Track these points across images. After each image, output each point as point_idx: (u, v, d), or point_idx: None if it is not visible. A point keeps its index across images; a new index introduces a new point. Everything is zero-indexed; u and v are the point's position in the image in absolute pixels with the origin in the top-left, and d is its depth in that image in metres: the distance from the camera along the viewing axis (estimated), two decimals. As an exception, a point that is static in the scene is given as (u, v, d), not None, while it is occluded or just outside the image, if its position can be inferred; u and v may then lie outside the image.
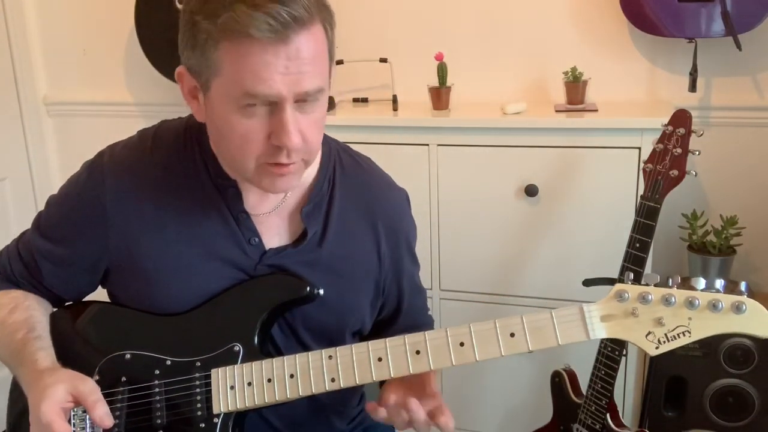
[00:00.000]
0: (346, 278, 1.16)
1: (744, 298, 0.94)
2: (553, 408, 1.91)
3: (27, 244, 1.18)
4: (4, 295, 1.18)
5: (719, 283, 0.95)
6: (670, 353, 1.96)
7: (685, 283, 0.96)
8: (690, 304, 0.94)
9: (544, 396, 1.93)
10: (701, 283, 0.95)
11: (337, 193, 1.17)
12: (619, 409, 1.76)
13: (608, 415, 1.72)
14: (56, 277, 1.17)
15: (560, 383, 1.88)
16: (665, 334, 0.96)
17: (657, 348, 0.97)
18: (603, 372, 1.70)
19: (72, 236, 1.13)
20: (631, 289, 0.97)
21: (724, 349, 1.92)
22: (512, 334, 0.99)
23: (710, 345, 1.93)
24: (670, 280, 0.97)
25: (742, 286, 0.95)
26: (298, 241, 1.14)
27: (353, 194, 1.18)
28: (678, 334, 0.96)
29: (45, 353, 1.09)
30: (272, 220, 1.14)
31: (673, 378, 1.99)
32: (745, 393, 1.92)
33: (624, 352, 1.69)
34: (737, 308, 0.93)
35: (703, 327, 0.95)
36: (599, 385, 1.72)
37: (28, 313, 1.15)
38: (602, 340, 1.70)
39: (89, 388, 1.02)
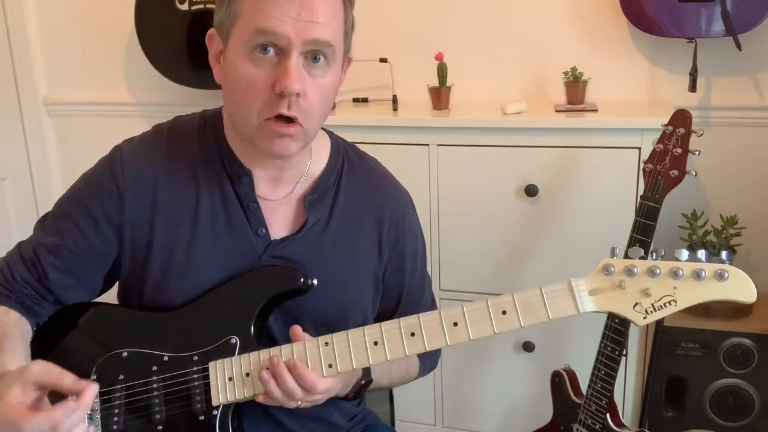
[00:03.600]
0: (349, 270, 1.18)
1: (726, 266, 0.97)
2: (553, 408, 1.91)
3: (30, 246, 1.16)
4: (5, 312, 1.12)
5: (702, 254, 0.98)
6: (670, 353, 1.99)
7: (670, 256, 1.00)
8: (674, 274, 0.97)
9: (544, 396, 1.93)
10: (684, 254, 0.98)
11: (343, 186, 1.19)
12: (619, 409, 1.76)
13: (608, 415, 1.72)
14: (61, 273, 1.14)
15: (560, 383, 1.88)
16: (652, 305, 0.98)
17: (645, 318, 0.99)
18: (603, 372, 1.70)
19: (86, 224, 1.13)
20: (617, 263, 1.00)
21: (724, 349, 1.92)
22: (504, 312, 1.01)
23: (710, 345, 1.93)
24: (654, 253, 1.00)
25: (723, 255, 0.99)
26: (300, 229, 1.15)
27: (359, 189, 1.20)
28: (664, 304, 0.98)
29: None
30: (281, 210, 1.16)
31: (673, 378, 1.99)
32: (745, 393, 1.93)
33: (624, 352, 1.69)
34: (720, 276, 0.96)
35: (688, 296, 0.97)
36: (599, 385, 1.72)
37: (1, 330, 1.09)
38: (602, 340, 1.70)
39: (41, 368, 0.96)
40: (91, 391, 0.96)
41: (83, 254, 1.14)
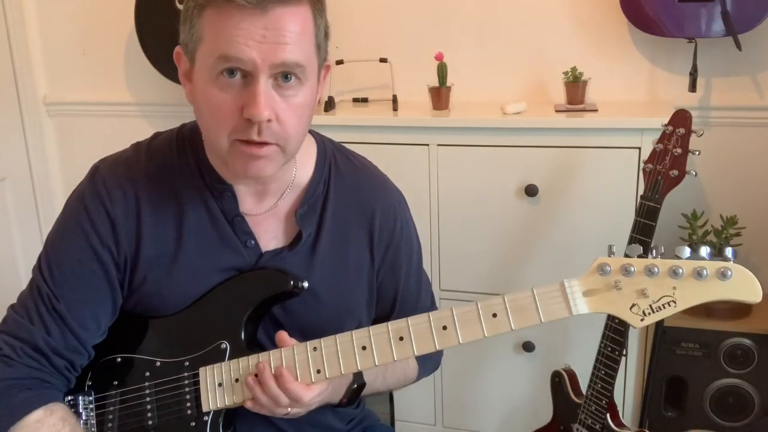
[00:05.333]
0: (341, 280, 1.16)
1: (729, 264, 0.91)
2: (553, 408, 1.91)
3: (33, 303, 1.07)
4: (48, 415, 1.03)
5: (704, 251, 0.93)
6: (670, 353, 1.98)
7: (670, 254, 0.94)
8: (674, 273, 0.91)
9: (544, 396, 1.93)
10: (686, 251, 0.93)
11: (331, 194, 1.16)
12: (619, 409, 1.76)
13: (608, 415, 1.72)
14: (81, 325, 1.08)
15: (560, 383, 1.88)
16: (650, 306, 0.93)
17: (642, 320, 0.94)
18: (603, 372, 1.70)
19: (86, 255, 1.08)
20: (613, 262, 0.95)
21: (724, 349, 1.92)
22: (494, 315, 0.98)
23: (710, 345, 1.93)
24: (654, 251, 0.94)
25: (728, 252, 0.92)
26: (293, 243, 1.14)
27: (347, 195, 1.18)
28: (663, 305, 0.93)
29: None
30: (268, 222, 1.14)
31: (673, 378, 1.99)
32: (745, 393, 1.92)
33: (624, 352, 1.69)
34: (722, 274, 0.90)
35: (689, 296, 0.92)
36: (599, 385, 1.72)
37: None
38: (602, 340, 1.70)
39: None
40: None
41: (92, 286, 1.09)
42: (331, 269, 1.15)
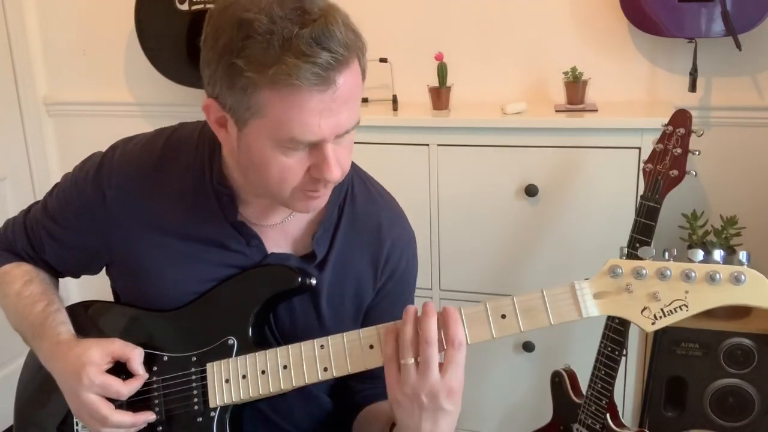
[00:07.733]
0: (336, 307, 1.15)
1: (743, 268, 0.89)
2: (553, 408, 1.91)
3: (34, 219, 1.22)
4: (16, 267, 1.21)
5: (718, 254, 0.90)
6: (670, 353, 1.98)
7: (683, 256, 0.92)
8: (686, 276, 0.90)
9: (544, 396, 1.93)
10: (699, 255, 0.91)
11: (343, 221, 1.16)
12: (619, 409, 1.76)
13: (608, 415, 1.72)
14: (58, 256, 1.21)
15: (560, 383, 1.88)
16: (661, 309, 0.91)
17: (653, 324, 0.92)
18: (603, 372, 1.70)
19: (75, 225, 1.16)
20: (625, 264, 0.93)
21: (724, 349, 1.92)
22: (503, 316, 0.96)
23: (710, 345, 1.93)
24: (666, 253, 0.92)
25: (742, 255, 0.90)
26: (306, 258, 1.13)
27: (358, 224, 1.17)
28: (675, 309, 0.91)
29: (66, 327, 1.13)
30: (275, 232, 1.14)
31: (673, 378, 1.99)
32: (745, 393, 1.93)
33: (624, 352, 1.69)
34: (736, 279, 0.89)
35: (701, 300, 0.90)
36: (599, 385, 1.72)
37: (44, 285, 1.19)
38: (602, 340, 1.70)
39: (121, 343, 1.09)
40: (140, 380, 1.09)
41: (75, 247, 1.18)
42: (329, 295, 1.14)
